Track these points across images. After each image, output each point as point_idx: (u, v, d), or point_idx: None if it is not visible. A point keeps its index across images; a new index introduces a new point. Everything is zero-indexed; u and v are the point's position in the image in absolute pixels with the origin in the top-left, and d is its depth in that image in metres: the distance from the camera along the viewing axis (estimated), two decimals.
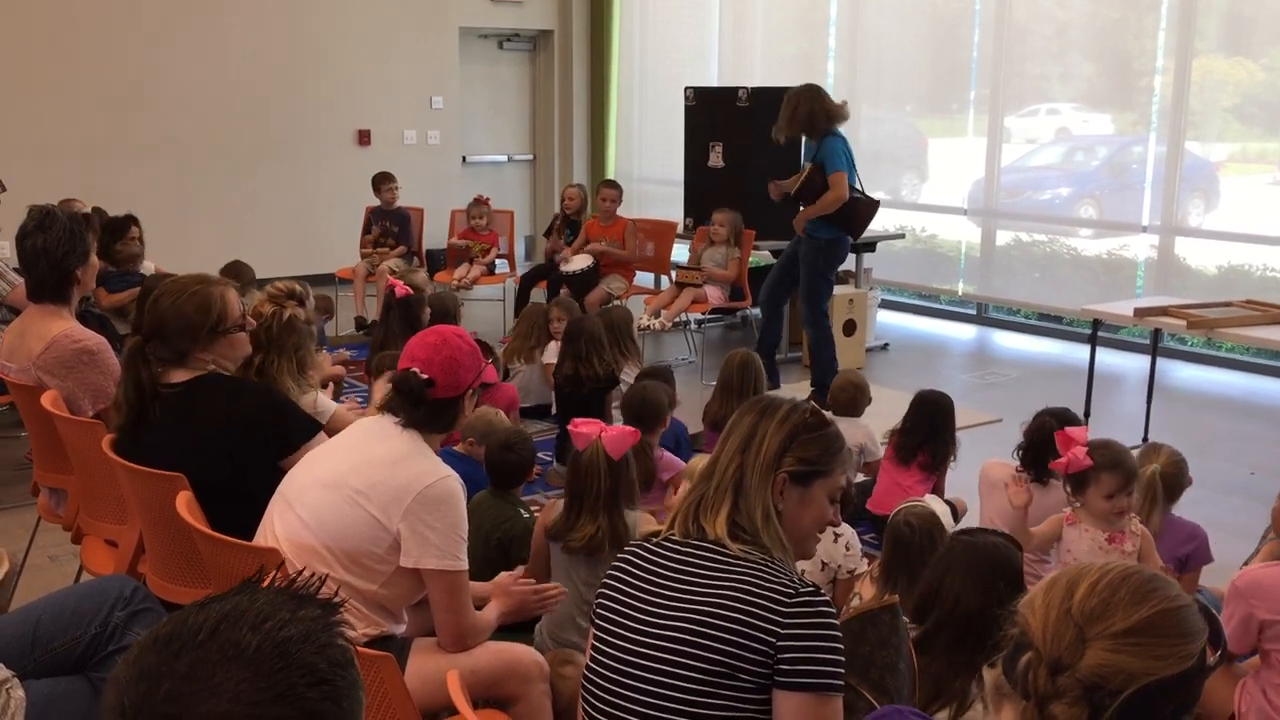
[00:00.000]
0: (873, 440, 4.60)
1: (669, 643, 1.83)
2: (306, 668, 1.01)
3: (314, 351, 3.65)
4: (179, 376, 2.84)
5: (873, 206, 6.23)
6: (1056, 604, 1.30)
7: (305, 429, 2.88)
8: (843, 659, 1.81)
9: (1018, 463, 3.71)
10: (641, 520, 3.01)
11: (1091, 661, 1.26)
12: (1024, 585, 2.29)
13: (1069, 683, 1.26)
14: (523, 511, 3.37)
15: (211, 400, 2.82)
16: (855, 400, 4.64)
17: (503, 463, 3.42)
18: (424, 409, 2.46)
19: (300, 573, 1.14)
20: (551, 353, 5.74)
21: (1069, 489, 3.17)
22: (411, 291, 5.59)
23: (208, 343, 2.85)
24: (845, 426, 4.10)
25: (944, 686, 2.25)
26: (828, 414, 2.03)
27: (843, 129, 6.08)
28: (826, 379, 5.93)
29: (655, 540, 1.99)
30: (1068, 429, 3.20)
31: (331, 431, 2.95)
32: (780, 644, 1.78)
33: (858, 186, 6.15)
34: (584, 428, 2.97)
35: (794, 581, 1.84)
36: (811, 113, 5.98)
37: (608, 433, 2.96)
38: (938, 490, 4.28)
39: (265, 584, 1.08)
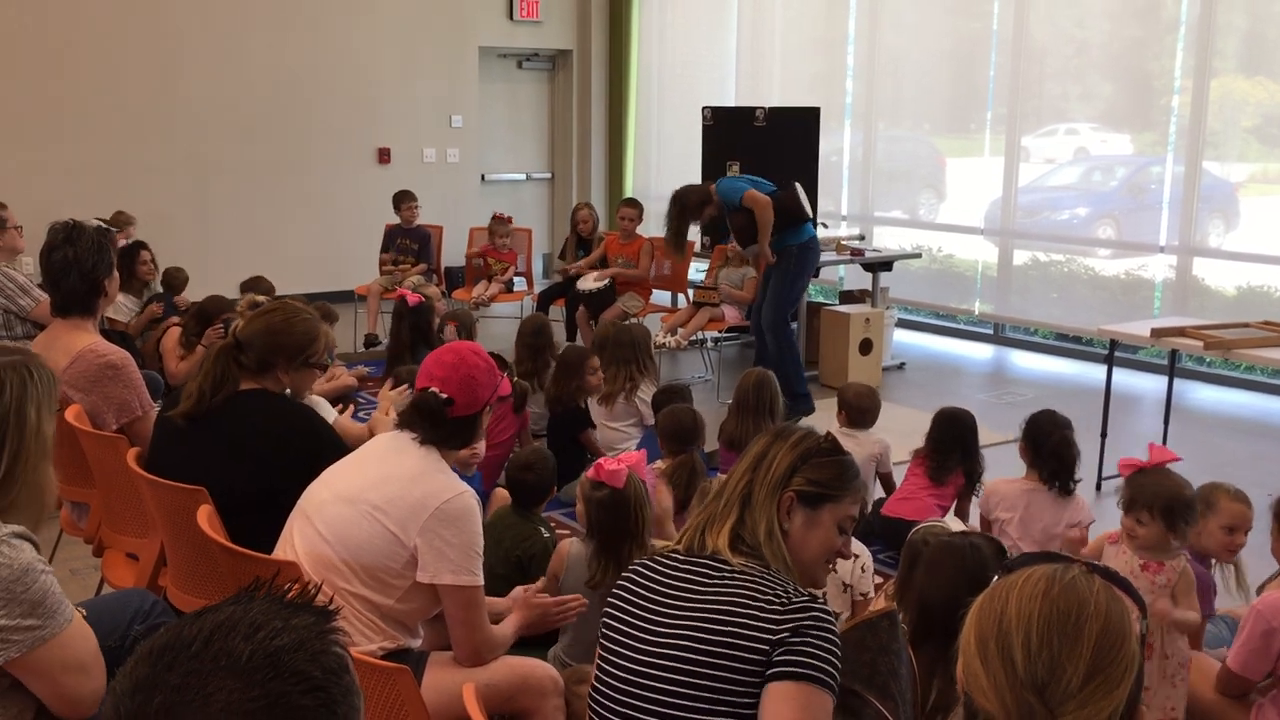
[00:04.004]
0: (887, 454, 4.57)
1: (670, 654, 1.85)
2: (299, 675, 1.02)
3: None
4: (249, 386, 2.91)
5: (792, 191, 6.33)
6: (1001, 675, 1.29)
7: (338, 451, 2.91)
8: (837, 660, 1.81)
9: (1035, 477, 3.70)
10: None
11: None
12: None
13: None
14: (544, 530, 3.40)
15: (252, 414, 2.87)
16: (868, 410, 4.61)
17: (520, 483, 3.46)
18: (443, 428, 2.50)
19: (297, 581, 1.16)
20: None
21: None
22: (422, 299, 5.64)
23: (297, 368, 2.96)
24: (854, 444, 4.11)
25: (924, 690, 2.26)
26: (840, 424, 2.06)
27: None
28: (795, 387, 5.97)
29: (659, 555, 2.02)
30: (1153, 445, 3.10)
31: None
32: (775, 640, 1.79)
33: (772, 188, 6.31)
34: (612, 465, 2.99)
35: (790, 590, 1.86)
36: (687, 210, 6.39)
37: (634, 465, 3.00)
38: (962, 514, 4.24)
39: (261, 594, 1.10)
